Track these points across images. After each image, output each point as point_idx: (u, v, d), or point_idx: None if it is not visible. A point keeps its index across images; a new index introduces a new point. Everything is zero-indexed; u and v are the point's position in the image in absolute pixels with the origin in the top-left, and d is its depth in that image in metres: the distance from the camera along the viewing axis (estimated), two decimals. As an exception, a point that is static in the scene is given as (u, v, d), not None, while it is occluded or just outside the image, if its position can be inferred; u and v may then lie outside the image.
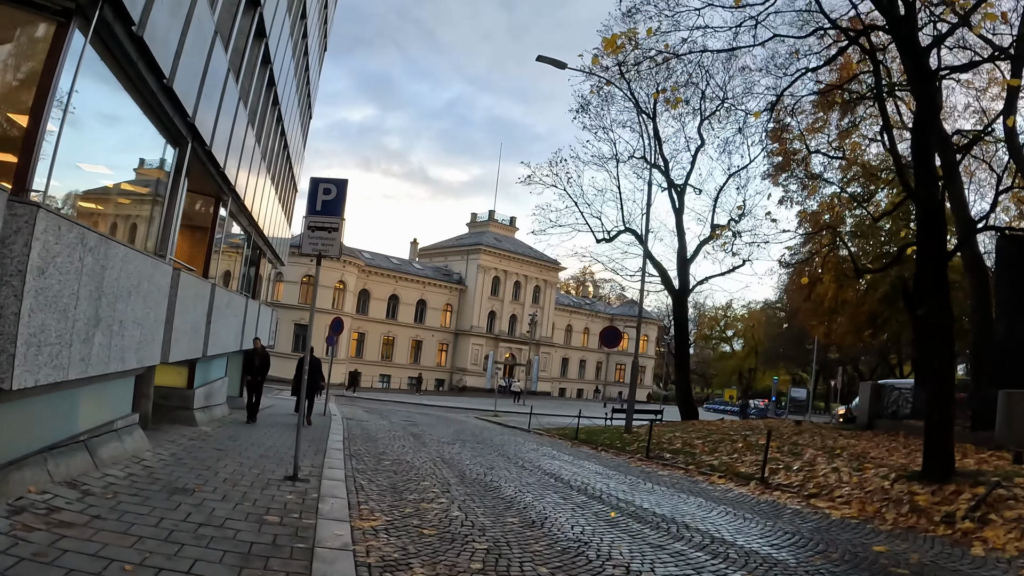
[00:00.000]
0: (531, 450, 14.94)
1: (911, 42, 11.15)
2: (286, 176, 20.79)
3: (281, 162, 19.43)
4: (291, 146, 20.20)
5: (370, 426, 17.64)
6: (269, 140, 16.40)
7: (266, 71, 13.99)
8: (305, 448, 10.87)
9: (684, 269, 24.63)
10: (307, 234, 8.34)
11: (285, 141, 19.06)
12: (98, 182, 7.85)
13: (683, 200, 25.88)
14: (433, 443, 14.51)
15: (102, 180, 7.90)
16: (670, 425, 20.54)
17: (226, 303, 13.18)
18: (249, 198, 13.98)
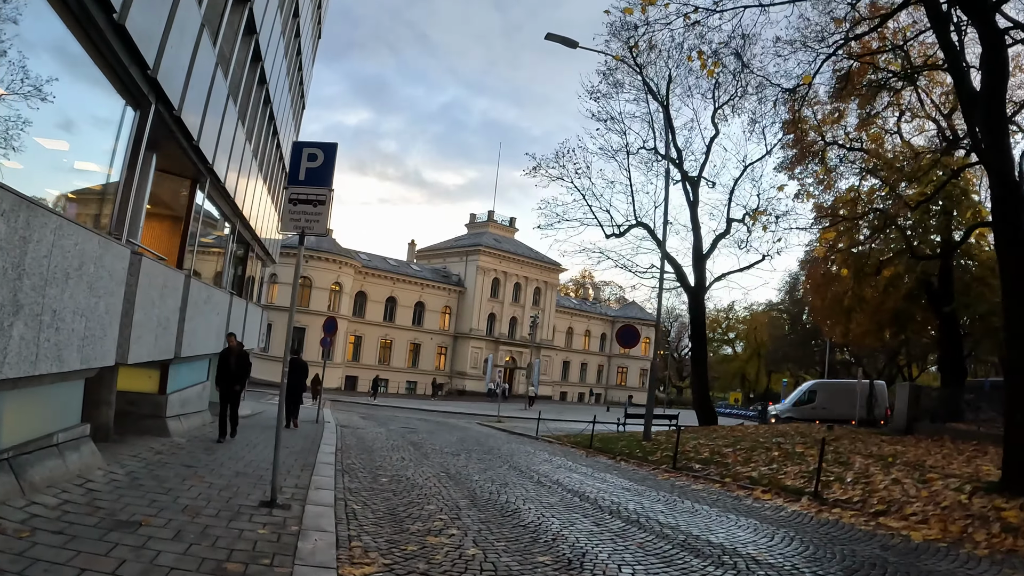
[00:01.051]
0: (544, 461, 13.53)
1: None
2: (276, 168, 19.39)
3: (270, 151, 18.03)
4: (281, 134, 18.79)
5: (366, 434, 16.21)
6: (256, 123, 15.00)
7: (250, 42, 12.61)
8: (291, 462, 9.45)
9: (700, 265, 23.29)
10: (288, 208, 6.93)
11: (274, 127, 17.66)
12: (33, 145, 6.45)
13: (698, 192, 24.55)
14: (436, 454, 13.09)
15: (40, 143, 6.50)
16: (691, 431, 19.13)
17: (204, 299, 11.77)
18: (232, 182, 12.58)
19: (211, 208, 12.86)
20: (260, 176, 16.25)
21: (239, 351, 11.63)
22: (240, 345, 11.78)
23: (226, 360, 11.52)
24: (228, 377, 11.46)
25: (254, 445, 11.09)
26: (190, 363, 12.29)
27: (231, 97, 11.43)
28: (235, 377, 11.48)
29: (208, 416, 13.66)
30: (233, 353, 11.53)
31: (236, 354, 11.55)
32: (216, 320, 13.10)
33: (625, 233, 24.72)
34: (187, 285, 10.46)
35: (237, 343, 11.69)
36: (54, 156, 6.64)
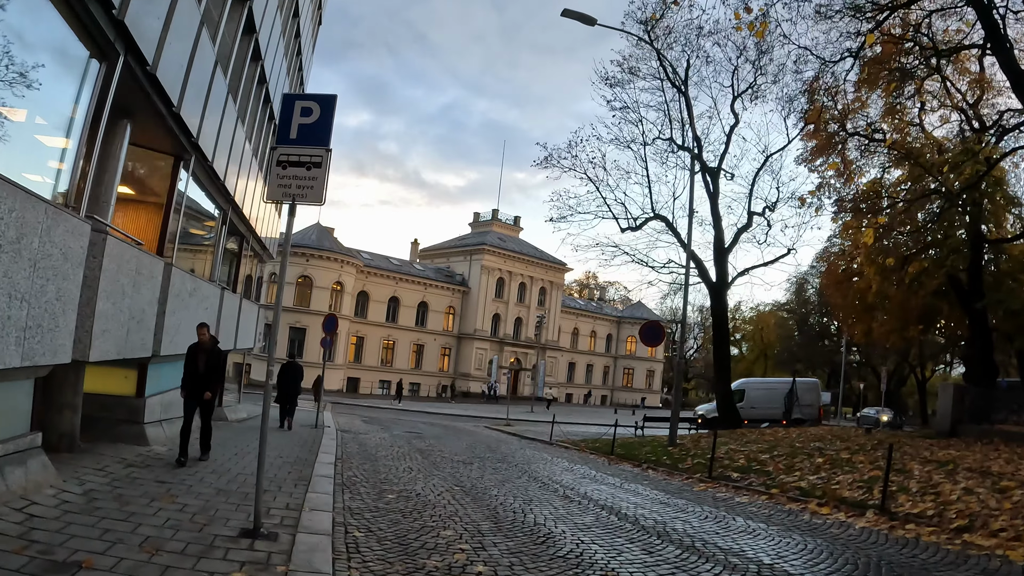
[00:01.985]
0: (564, 470, 12.30)
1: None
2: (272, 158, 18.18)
3: (266, 135, 16.83)
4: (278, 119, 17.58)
5: (368, 440, 14.99)
6: (249, 104, 13.82)
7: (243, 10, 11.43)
8: (284, 475, 8.25)
9: (721, 259, 22.08)
10: (276, 173, 5.74)
11: (271, 111, 16.46)
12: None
13: (718, 183, 23.35)
14: (446, 462, 11.88)
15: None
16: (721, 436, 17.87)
17: (190, 291, 10.58)
18: (221, 163, 11.38)
19: (198, 192, 11.67)
20: (256, 163, 15.05)
21: (212, 347, 9.03)
22: (214, 340, 9.23)
23: (194, 358, 8.89)
24: (196, 380, 8.82)
25: (244, 454, 9.88)
26: (174, 363, 11.07)
27: (219, 66, 10.23)
28: (205, 380, 8.81)
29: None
30: (204, 349, 8.91)
31: (208, 351, 8.92)
32: (205, 316, 11.88)
33: (642, 226, 23.53)
34: (168, 274, 9.26)
35: (210, 337, 9.11)
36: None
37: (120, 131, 8.22)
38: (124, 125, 8.25)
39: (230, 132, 11.74)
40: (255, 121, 14.69)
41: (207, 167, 10.80)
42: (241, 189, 13.75)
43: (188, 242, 12.25)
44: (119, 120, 8.19)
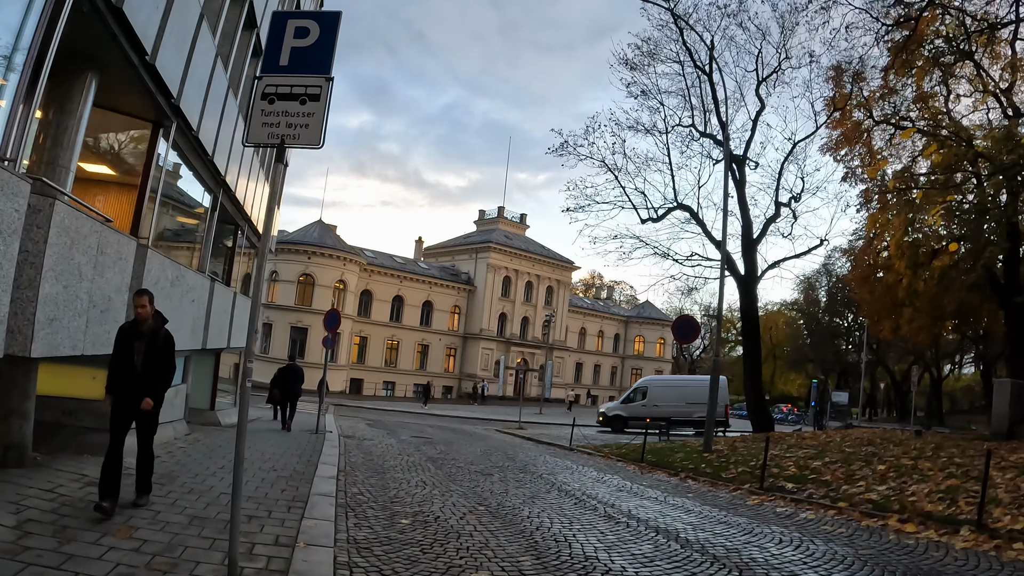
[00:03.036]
0: (595, 481, 10.96)
1: None
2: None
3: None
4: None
5: (375, 447, 13.66)
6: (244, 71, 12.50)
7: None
8: (276, 493, 6.92)
9: (750, 251, 20.76)
10: (260, 109, 4.42)
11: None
12: None
13: (744, 172, 22.03)
14: (462, 474, 10.54)
15: None
16: (754, 440, 16.57)
17: (172, 279, 9.25)
18: (209, 134, 10.05)
19: (185, 171, 10.36)
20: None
21: (154, 331, 5.81)
22: (159, 320, 5.96)
23: (126, 347, 5.73)
24: (129, 380, 5.69)
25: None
26: (155, 361, 9.77)
27: (206, 20, 8.91)
28: (143, 381, 5.73)
29: (183, 427, 11.14)
30: (141, 333, 5.75)
31: (148, 336, 5.75)
32: (192, 309, 10.58)
33: (663, 217, 22.18)
34: (143, 257, 7.94)
35: (152, 313, 5.83)
36: None
37: (82, 84, 6.94)
38: (87, 78, 6.96)
39: (219, 100, 10.42)
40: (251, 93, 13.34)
41: (192, 137, 9.47)
42: (235, 170, 12.42)
43: (172, 227, 10.95)
44: (82, 71, 6.91)
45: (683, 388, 27.05)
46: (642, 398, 27.35)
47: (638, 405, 27.02)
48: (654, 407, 26.35)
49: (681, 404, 24.70)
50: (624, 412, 27.01)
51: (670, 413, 25.36)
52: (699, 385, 26.23)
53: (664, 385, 27.87)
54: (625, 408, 27.36)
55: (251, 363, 4.66)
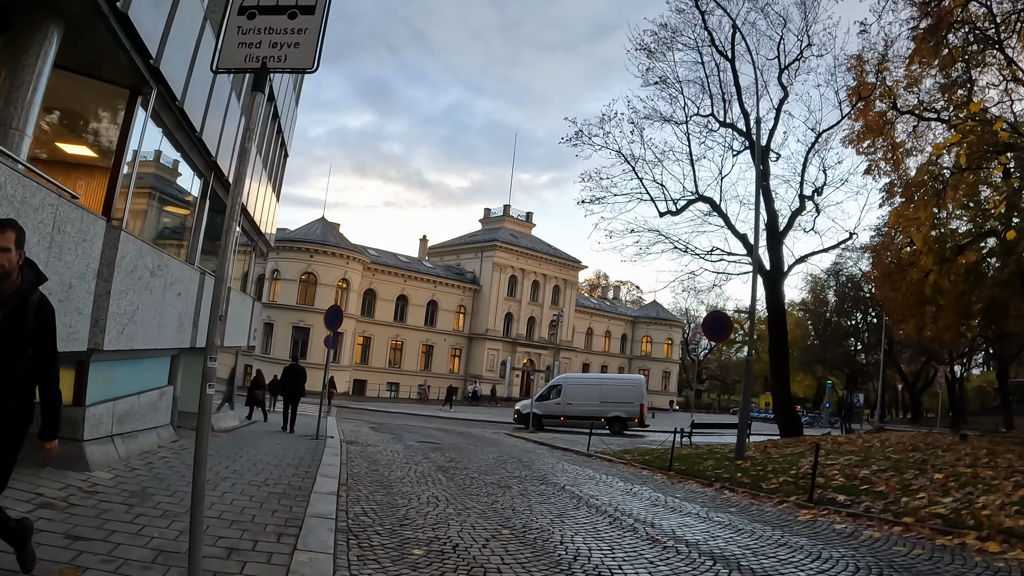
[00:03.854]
0: (625, 493, 9.88)
1: None
2: (267, 120, 15.80)
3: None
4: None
5: (379, 454, 12.60)
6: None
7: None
8: (266, 516, 5.86)
9: (776, 245, 19.66)
10: (236, 26, 3.35)
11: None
12: None
13: (767, 162, 20.95)
14: (477, 486, 9.47)
15: None
16: (786, 445, 15.44)
17: (152, 267, 8.22)
18: (196, 107, 9.02)
19: (168, 146, 9.32)
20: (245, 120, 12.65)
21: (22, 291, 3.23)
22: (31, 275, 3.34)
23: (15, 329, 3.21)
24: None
25: (219, 480, 7.49)
26: (135, 360, 8.73)
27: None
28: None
29: (170, 433, 10.09)
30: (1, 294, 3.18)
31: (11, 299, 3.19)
32: (178, 304, 9.55)
33: (683, 210, 21.06)
34: (114, 240, 6.91)
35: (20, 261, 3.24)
36: None
37: (43, 37, 5.93)
38: (48, 29, 5.94)
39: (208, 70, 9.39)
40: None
41: (176, 110, 8.44)
42: (228, 153, 11.38)
43: (157, 214, 9.92)
44: (42, 21, 5.91)
45: (597, 387, 26.85)
46: (556, 396, 27.12)
47: (552, 403, 26.89)
48: (568, 405, 26.33)
49: (595, 403, 24.52)
50: (539, 410, 26.84)
51: (584, 412, 25.36)
52: (613, 384, 26.68)
53: (578, 384, 27.55)
54: (540, 406, 27.11)
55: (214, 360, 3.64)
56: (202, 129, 9.46)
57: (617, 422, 25.49)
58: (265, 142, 15.79)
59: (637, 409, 25.63)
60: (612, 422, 25.53)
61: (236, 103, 11.71)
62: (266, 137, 15.78)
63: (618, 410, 25.51)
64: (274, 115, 16.26)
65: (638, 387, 26.93)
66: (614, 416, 25.51)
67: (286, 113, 17.78)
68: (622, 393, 25.98)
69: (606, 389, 26.57)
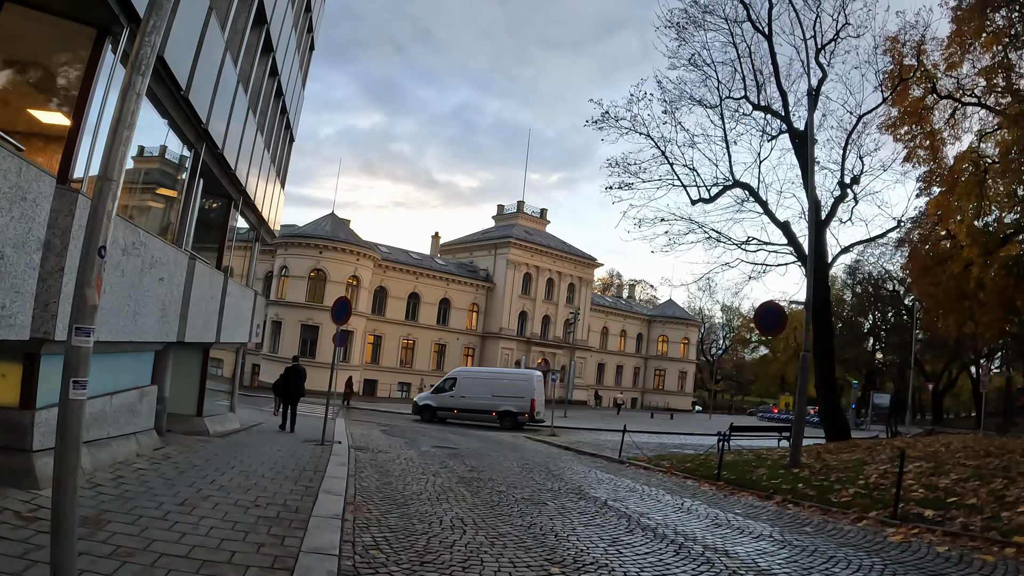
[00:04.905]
0: (678, 510, 8.49)
1: None
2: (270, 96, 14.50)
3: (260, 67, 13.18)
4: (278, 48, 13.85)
5: (392, 463, 11.26)
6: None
7: None
8: (250, 550, 4.53)
9: (819, 234, 18.16)
10: None
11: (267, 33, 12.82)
12: None
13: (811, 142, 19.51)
14: (507, 502, 8.12)
15: None
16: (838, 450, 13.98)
17: (124, 246, 6.92)
18: (181, 62, 7.73)
19: (147, 107, 8.01)
20: (245, 90, 11.35)
21: None
22: None
23: None
24: None
25: (201, 500, 6.18)
26: (106, 355, 7.44)
27: None
28: None
29: (151, 440, 8.79)
30: None
31: None
32: (160, 291, 8.26)
33: (717, 197, 19.54)
34: (69, 205, 5.63)
35: None
36: None
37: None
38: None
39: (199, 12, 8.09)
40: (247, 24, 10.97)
41: (161, 67, 7.15)
42: (221, 120, 10.09)
43: (134, 184, 8.62)
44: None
45: (490, 381, 26.85)
46: (451, 388, 27.11)
47: (447, 396, 26.91)
48: (461, 398, 26.47)
49: (487, 396, 24.78)
50: (434, 402, 27.01)
51: (476, 405, 25.89)
52: (506, 378, 26.72)
53: (473, 377, 27.64)
54: (435, 398, 27.21)
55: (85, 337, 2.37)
56: (188, 88, 8.16)
57: (508, 416, 25.42)
58: (268, 121, 14.51)
59: (528, 404, 25.59)
60: (503, 416, 25.49)
61: (233, 69, 10.42)
62: (268, 114, 14.50)
63: (509, 404, 25.49)
64: (278, 92, 14.98)
65: (529, 382, 26.51)
66: (505, 410, 25.49)
67: (291, 91, 16.50)
68: (514, 388, 26.03)
69: (498, 383, 26.45)
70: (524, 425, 25.36)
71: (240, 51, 11.00)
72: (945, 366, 62.55)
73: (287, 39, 14.68)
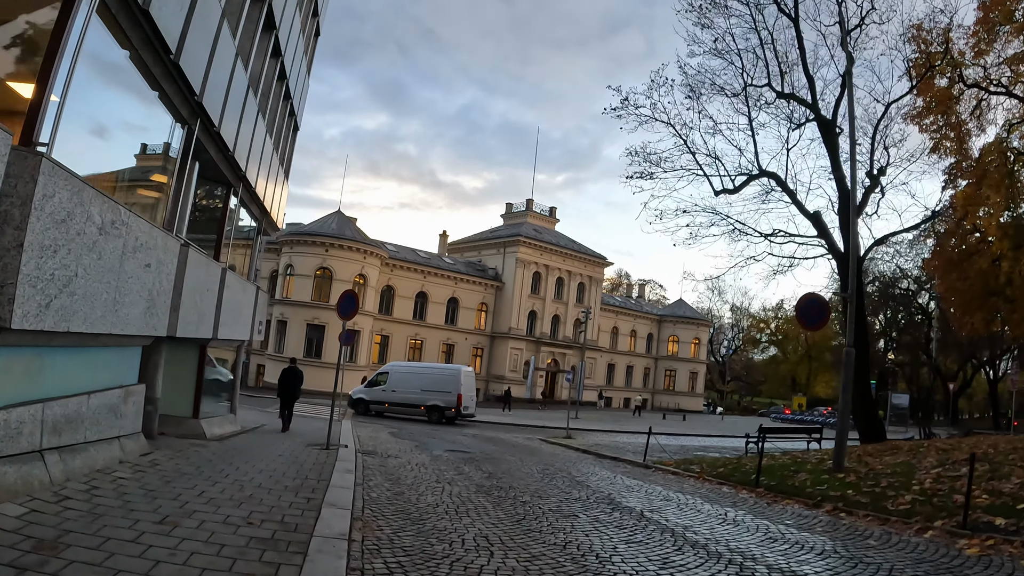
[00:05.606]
0: (722, 521, 7.59)
1: None
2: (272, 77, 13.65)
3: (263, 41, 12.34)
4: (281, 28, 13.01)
5: (403, 469, 10.39)
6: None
7: None
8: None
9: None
10: None
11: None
12: None
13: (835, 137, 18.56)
14: (535, 515, 7.24)
15: None
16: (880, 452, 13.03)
17: (101, 224, 6.09)
18: (171, 20, 6.88)
19: (130, 69, 7.19)
20: (244, 63, 10.51)
21: None
22: None
23: None
24: None
25: (191, 510, 5.33)
26: (82, 349, 6.60)
27: None
28: None
29: (137, 445, 7.94)
30: None
31: None
32: (145, 278, 7.42)
33: (743, 187, 18.59)
34: (33, 172, 4.80)
35: None
36: None
37: None
38: None
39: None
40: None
41: (139, 12, 6.31)
42: (218, 93, 9.25)
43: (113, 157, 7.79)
44: None
45: (420, 375, 27.18)
46: (384, 383, 27.43)
47: (379, 390, 27.26)
48: (392, 392, 26.80)
49: (417, 391, 25.03)
50: (367, 396, 27.38)
51: (406, 399, 26.27)
52: (435, 373, 27.10)
53: (404, 371, 27.88)
54: (369, 392, 27.55)
55: None
56: (179, 52, 7.32)
57: (436, 411, 25.70)
58: (270, 104, 13.68)
59: (454, 399, 25.69)
60: (431, 410, 25.80)
61: (231, 41, 9.59)
62: (271, 98, 13.66)
63: (437, 399, 25.77)
64: (281, 74, 14.15)
65: (456, 377, 26.63)
66: (432, 405, 25.80)
67: (295, 76, 15.66)
68: (441, 383, 26.26)
69: (426, 378, 26.75)
70: (453, 420, 25.56)
71: (239, 24, 10.18)
72: (960, 366, 61.41)
73: (291, 18, 13.85)
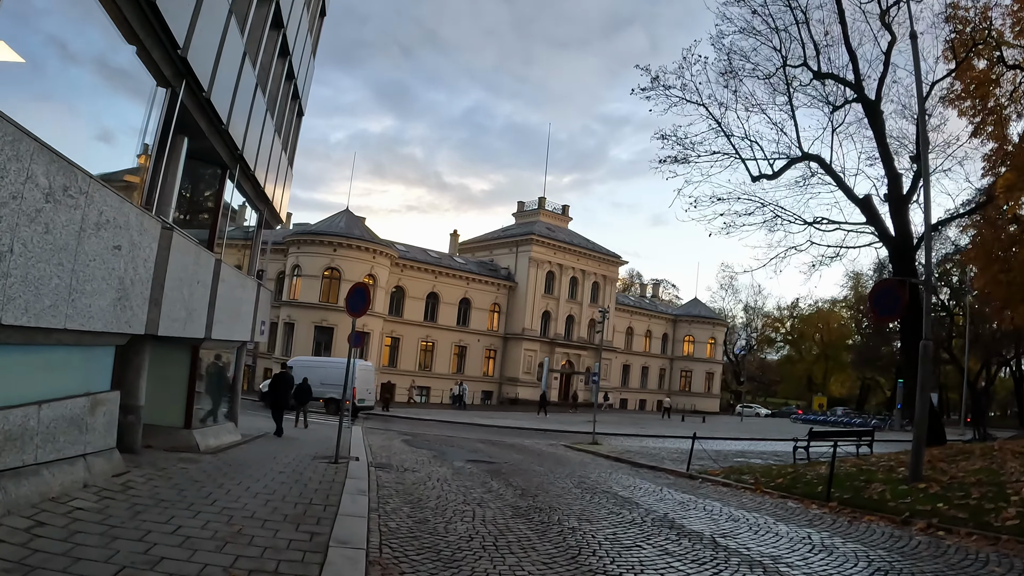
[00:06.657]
0: (802, 544, 6.22)
1: None
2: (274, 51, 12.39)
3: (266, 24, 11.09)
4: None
5: (423, 486, 9.07)
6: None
7: None
8: None
9: (900, 211, 15.84)
10: None
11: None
12: None
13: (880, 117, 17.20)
14: (591, 545, 5.92)
15: None
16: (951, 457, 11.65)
17: (48, 190, 4.83)
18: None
19: (101, 13, 5.94)
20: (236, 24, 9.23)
21: None
22: None
23: None
24: None
25: (156, 557, 4.05)
26: (31, 348, 5.33)
27: None
28: None
29: (110, 463, 6.66)
30: None
31: None
32: (115, 263, 6.16)
33: (783, 171, 17.21)
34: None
35: None
36: None
37: None
38: None
39: None
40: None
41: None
42: (207, 53, 8.00)
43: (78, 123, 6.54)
44: None
45: (320, 369, 26.89)
46: None
47: None
48: None
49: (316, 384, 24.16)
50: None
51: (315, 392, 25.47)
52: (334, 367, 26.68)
53: (306, 365, 26.94)
54: None
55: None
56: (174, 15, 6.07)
57: (333, 403, 26.01)
58: (271, 80, 12.43)
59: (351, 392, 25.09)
60: (328, 403, 26.34)
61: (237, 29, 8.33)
62: (272, 73, 12.41)
63: (334, 392, 25.88)
64: (283, 49, 12.90)
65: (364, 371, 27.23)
66: (330, 398, 26.24)
67: (299, 55, 14.42)
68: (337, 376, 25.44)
69: (326, 372, 26.73)
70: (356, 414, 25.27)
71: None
72: (983, 363, 59.60)
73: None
